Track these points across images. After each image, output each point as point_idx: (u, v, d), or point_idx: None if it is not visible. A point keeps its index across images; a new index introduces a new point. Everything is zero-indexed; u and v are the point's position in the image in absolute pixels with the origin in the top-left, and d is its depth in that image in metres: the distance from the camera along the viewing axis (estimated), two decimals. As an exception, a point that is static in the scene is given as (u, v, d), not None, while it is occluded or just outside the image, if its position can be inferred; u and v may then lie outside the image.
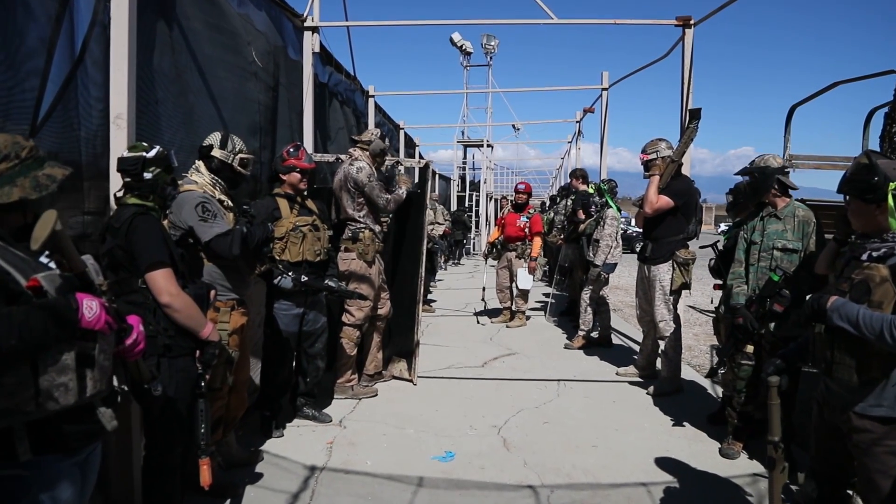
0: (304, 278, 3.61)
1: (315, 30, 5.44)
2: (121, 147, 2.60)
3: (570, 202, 7.38)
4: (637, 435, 3.93)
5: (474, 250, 19.64)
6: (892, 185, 1.96)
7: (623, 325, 7.71)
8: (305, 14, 5.36)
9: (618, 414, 4.33)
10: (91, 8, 2.67)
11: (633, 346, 6.34)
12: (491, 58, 25.97)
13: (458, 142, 22.59)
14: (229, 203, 2.94)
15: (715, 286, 4.24)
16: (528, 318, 7.63)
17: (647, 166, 4.68)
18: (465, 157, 25.06)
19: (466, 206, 20.91)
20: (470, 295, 9.79)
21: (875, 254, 2.00)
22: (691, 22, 5.45)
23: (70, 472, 1.59)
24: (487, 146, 19.85)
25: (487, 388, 4.94)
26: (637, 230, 17.04)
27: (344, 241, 4.39)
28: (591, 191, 6.93)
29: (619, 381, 5.16)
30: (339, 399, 4.46)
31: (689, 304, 7.65)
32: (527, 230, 7.34)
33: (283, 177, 3.72)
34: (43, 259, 1.56)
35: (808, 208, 3.47)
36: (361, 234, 4.38)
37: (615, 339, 6.64)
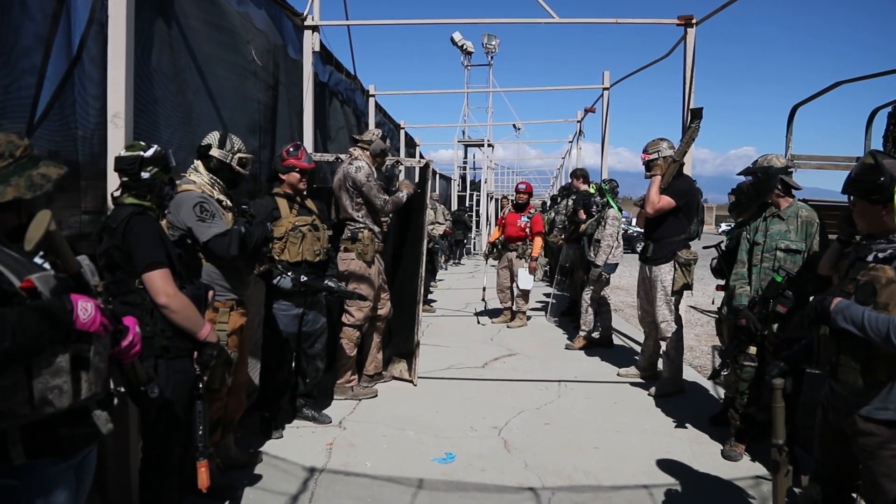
0: (304, 278, 3.60)
1: (315, 28, 5.42)
2: (118, 146, 2.57)
3: (571, 202, 7.35)
4: (638, 436, 3.91)
5: (475, 250, 19.61)
6: (898, 186, 1.93)
7: (624, 325, 7.68)
8: (305, 13, 5.34)
9: (619, 415, 4.31)
10: (89, 5, 2.66)
11: (635, 346, 6.32)
12: (492, 57, 26.03)
13: (459, 141, 22.61)
14: (228, 203, 2.92)
15: (717, 287, 4.23)
16: (528, 318, 7.61)
17: (648, 166, 4.66)
18: (465, 157, 25.12)
19: (467, 205, 20.90)
20: (470, 295, 9.77)
21: (881, 255, 1.98)
22: (693, 21, 5.44)
23: (65, 476, 1.57)
24: (488, 146, 19.84)
25: (488, 389, 4.92)
26: (638, 230, 17.03)
27: (343, 241, 4.37)
28: (592, 191, 6.91)
29: (621, 382, 5.14)
30: (338, 400, 4.44)
31: (690, 304, 7.64)
32: (527, 230, 7.31)
33: (283, 176, 3.70)
34: (37, 260, 1.54)
35: (811, 208, 3.45)
36: (360, 234, 4.36)
37: (616, 340, 6.62)
